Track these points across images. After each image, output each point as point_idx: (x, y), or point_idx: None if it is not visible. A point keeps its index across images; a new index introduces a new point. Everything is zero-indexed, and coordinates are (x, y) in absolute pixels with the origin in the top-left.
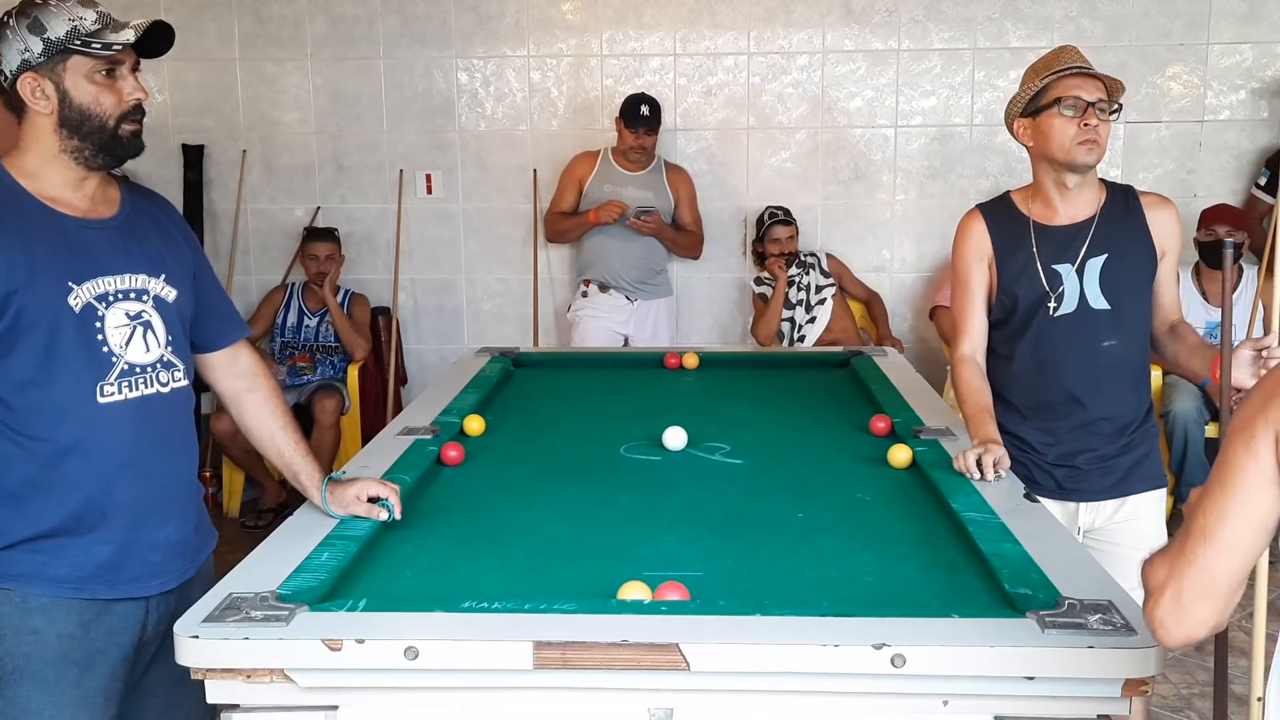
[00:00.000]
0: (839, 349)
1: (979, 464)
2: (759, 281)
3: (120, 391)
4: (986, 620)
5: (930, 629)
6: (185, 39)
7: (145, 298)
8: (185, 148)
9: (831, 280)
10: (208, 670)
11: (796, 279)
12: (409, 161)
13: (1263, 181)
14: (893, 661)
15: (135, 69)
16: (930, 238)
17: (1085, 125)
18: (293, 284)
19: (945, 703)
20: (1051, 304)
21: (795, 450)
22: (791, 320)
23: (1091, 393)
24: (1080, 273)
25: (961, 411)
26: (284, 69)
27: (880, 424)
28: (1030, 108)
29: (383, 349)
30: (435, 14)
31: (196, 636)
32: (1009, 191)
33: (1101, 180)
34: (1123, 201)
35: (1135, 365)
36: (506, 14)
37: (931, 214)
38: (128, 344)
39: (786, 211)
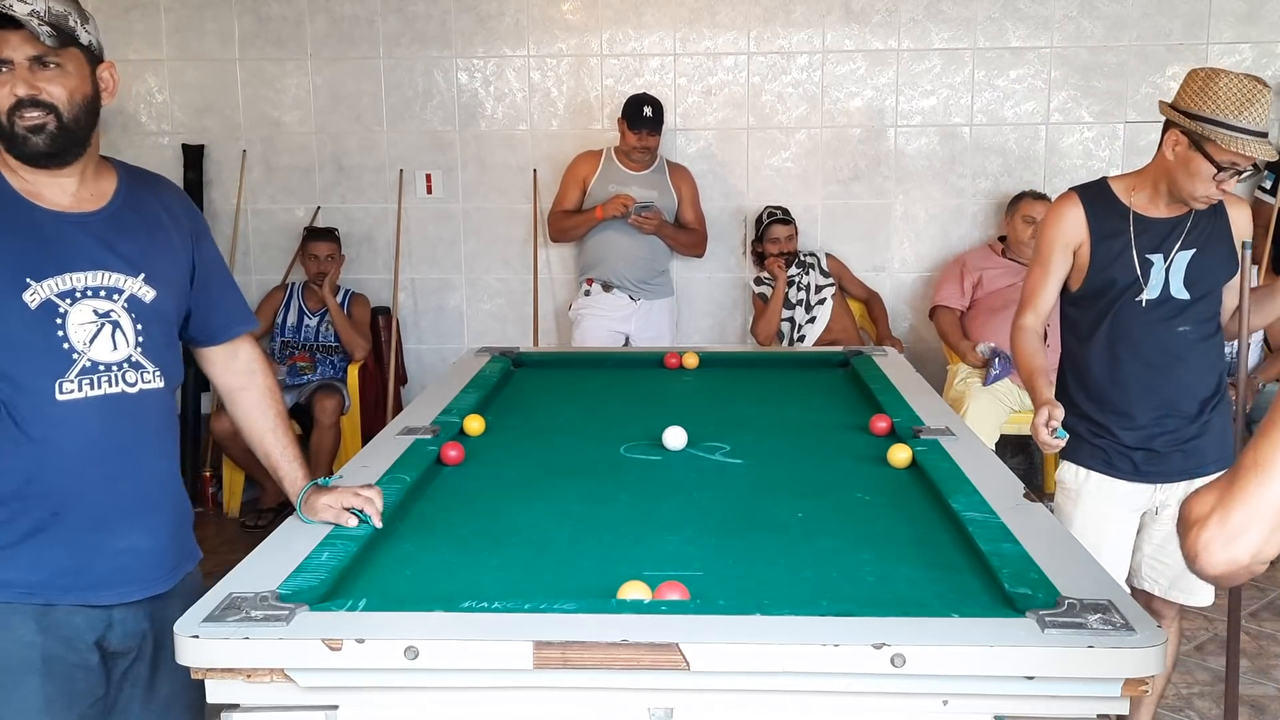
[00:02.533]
0: (839, 349)
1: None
2: (759, 281)
3: (80, 389)
4: (986, 620)
5: (930, 629)
6: (185, 39)
7: (117, 296)
8: (185, 147)
9: (831, 280)
10: (208, 670)
11: (796, 279)
12: (409, 161)
13: (1267, 184)
14: (893, 661)
15: (41, 64)
16: (930, 237)
17: (1221, 187)
18: (293, 284)
19: (945, 702)
20: (1140, 291)
21: (795, 450)
22: (791, 320)
23: (1166, 372)
24: (1168, 264)
25: (1020, 374)
26: (284, 69)
27: (880, 424)
28: (1190, 129)
29: (383, 349)
30: (435, 14)
31: (196, 636)
32: (1106, 179)
33: None
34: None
35: (1209, 347)
36: (506, 14)
37: (931, 214)
38: (92, 341)
39: (785, 211)
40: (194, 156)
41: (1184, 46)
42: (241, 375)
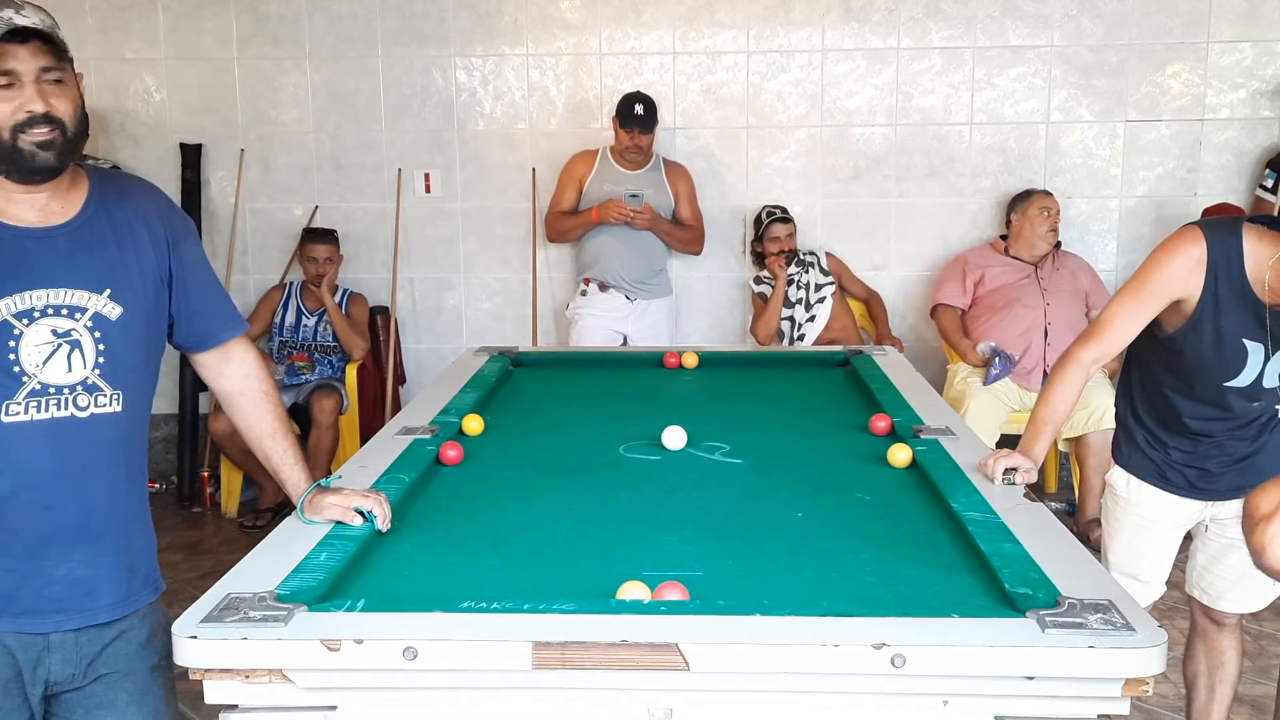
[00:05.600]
0: (839, 348)
1: (995, 468)
2: (758, 281)
3: (27, 412)
4: (986, 620)
5: (930, 629)
6: (183, 38)
7: (79, 315)
8: (183, 147)
9: (831, 279)
10: (206, 670)
11: (796, 278)
12: (407, 160)
13: (1269, 183)
14: (892, 661)
15: (49, 77)
16: (930, 236)
17: None
18: (291, 283)
19: (945, 702)
20: (1223, 373)
21: (795, 450)
22: (791, 319)
23: (1232, 432)
24: (1269, 353)
25: (1034, 410)
26: (282, 68)
27: (880, 423)
28: None
29: (381, 348)
30: (434, 12)
31: (195, 637)
32: (1244, 225)
33: None
34: None
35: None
36: (505, 12)
37: (931, 212)
38: (45, 363)
39: (784, 210)
40: (192, 156)
41: (1184, 45)
42: (236, 380)
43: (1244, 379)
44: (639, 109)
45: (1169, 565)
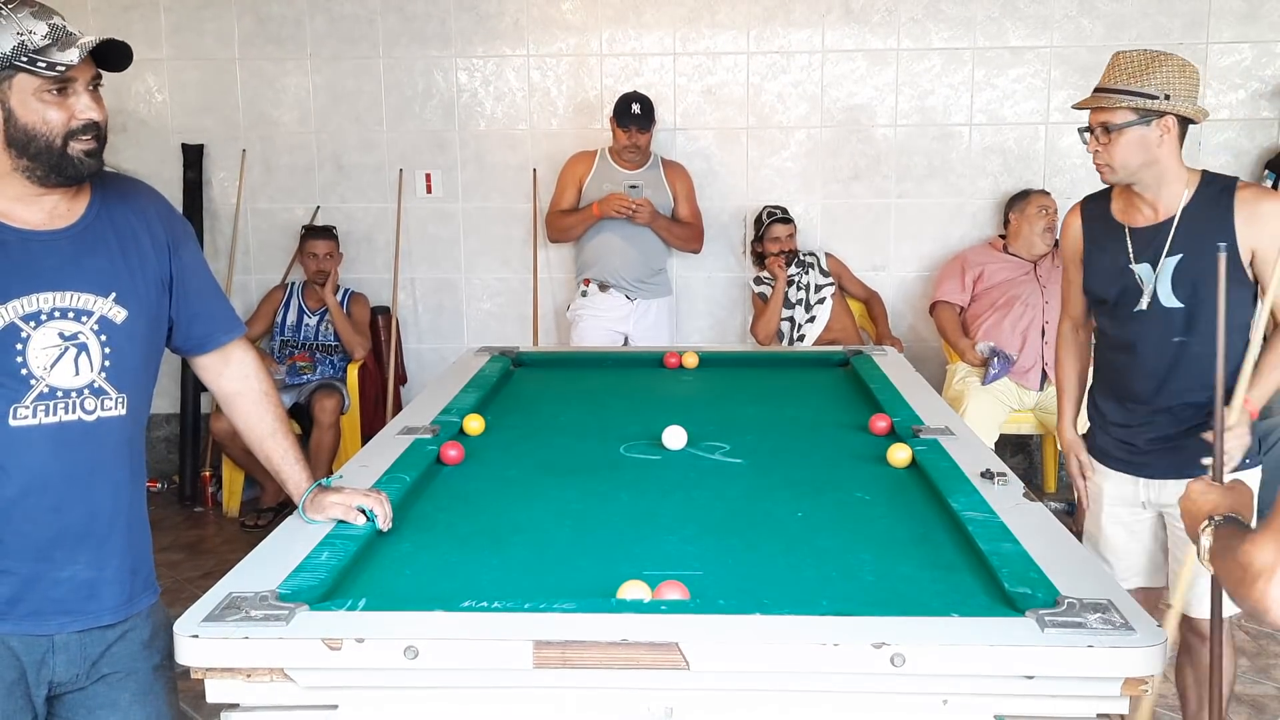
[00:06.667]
0: (838, 348)
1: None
2: (758, 281)
3: (35, 416)
4: (986, 619)
5: (930, 628)
6: (185, 38)
7: (85, 319)
8: (185, 147)
9: (831, 279)
10: (207, 670)
11: (796, 278)
12: (408, 161)
13: (1268, 184)
14: (892, 661)
15: (96, 84)
16: (930, 237)
17: (1092, 151)
18: (292, 283)
19: (945, 701)
20: (1130, 300)
21: (795, 450)
22: (791, 320)
23: (1160, 383)
24: (1156, 272)
25: (1056, 382)
26: (283, 68)
27: (880, 423)
28: None
29: (382, 348)
30: (435, 13)
31: (196, 636)
32: (1114, 186)
33: (1203, 174)
34: (1214, 198)
35: (1209, 361)
36: (506, 13)
37: (931, 213)
38: (53, 366)
39: (785, 210)
40: (193, 156)
41: (1183, 46)
42: (236, 381)
43: (1144, 300)
44: (635, 108)
45: (1133, 556)
